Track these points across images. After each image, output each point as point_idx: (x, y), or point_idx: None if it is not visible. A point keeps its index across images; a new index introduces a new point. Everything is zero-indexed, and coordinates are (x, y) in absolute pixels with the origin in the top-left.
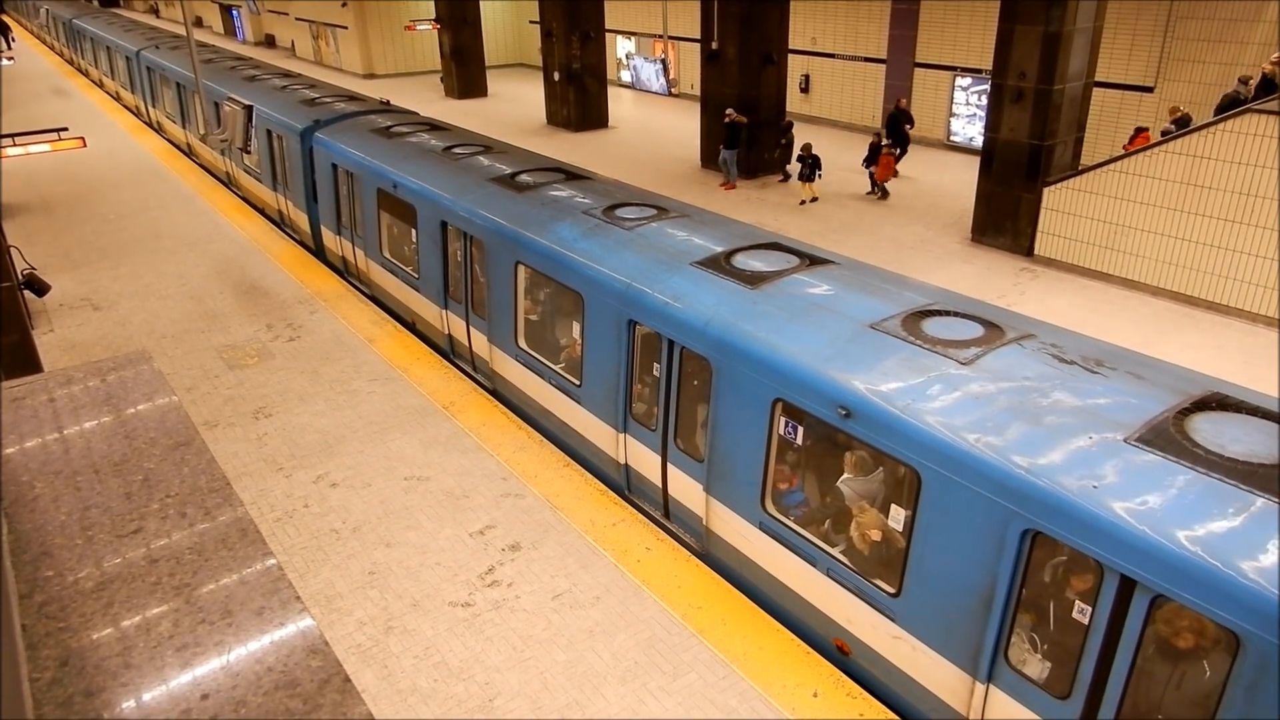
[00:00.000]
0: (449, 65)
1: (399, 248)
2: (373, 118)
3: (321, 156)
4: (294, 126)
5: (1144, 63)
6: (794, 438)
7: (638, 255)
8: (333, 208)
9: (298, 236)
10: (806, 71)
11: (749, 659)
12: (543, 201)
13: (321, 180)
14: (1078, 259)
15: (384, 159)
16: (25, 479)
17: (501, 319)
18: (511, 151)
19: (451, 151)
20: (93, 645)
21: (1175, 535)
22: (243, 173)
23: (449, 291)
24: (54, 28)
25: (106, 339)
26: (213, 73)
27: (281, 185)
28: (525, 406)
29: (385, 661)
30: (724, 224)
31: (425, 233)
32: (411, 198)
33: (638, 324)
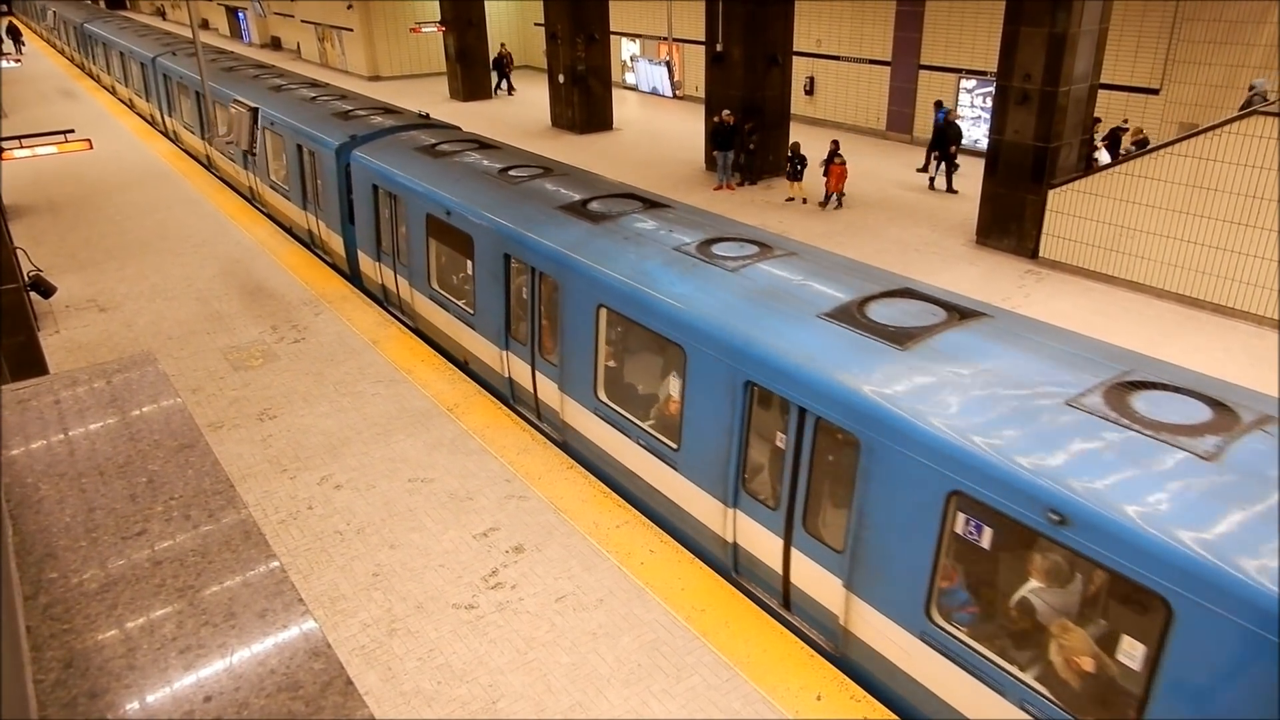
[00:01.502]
0: (454, 67)
1: (451, 280)
2: (414, 134)
3: (360, 176)
4: (328, 143)
5: (1150, 65)
6: (977, 538)
7: (751, 304)
8: (372, 232)
9: (330, 260)
10: (811, 74)
11: (753, 662)
12: (625, 235)
13: (359, 202)
14: (1083, 261)
15: (434, 182)
16: (30, 480)
17: (576, 366)
18: (574, 174)
19: (509, 174)
20: (97, 647)
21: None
22: (268, 189)
23: (511, 331)
24: (64, 32)
25: (112, 340)
26: (234, 82)
27: (313, 205)
28: (603, 464)
29: (389, 663)
30: (840, 265)
31: (484, 265)
32: (468, 226)
33: (756, 385)
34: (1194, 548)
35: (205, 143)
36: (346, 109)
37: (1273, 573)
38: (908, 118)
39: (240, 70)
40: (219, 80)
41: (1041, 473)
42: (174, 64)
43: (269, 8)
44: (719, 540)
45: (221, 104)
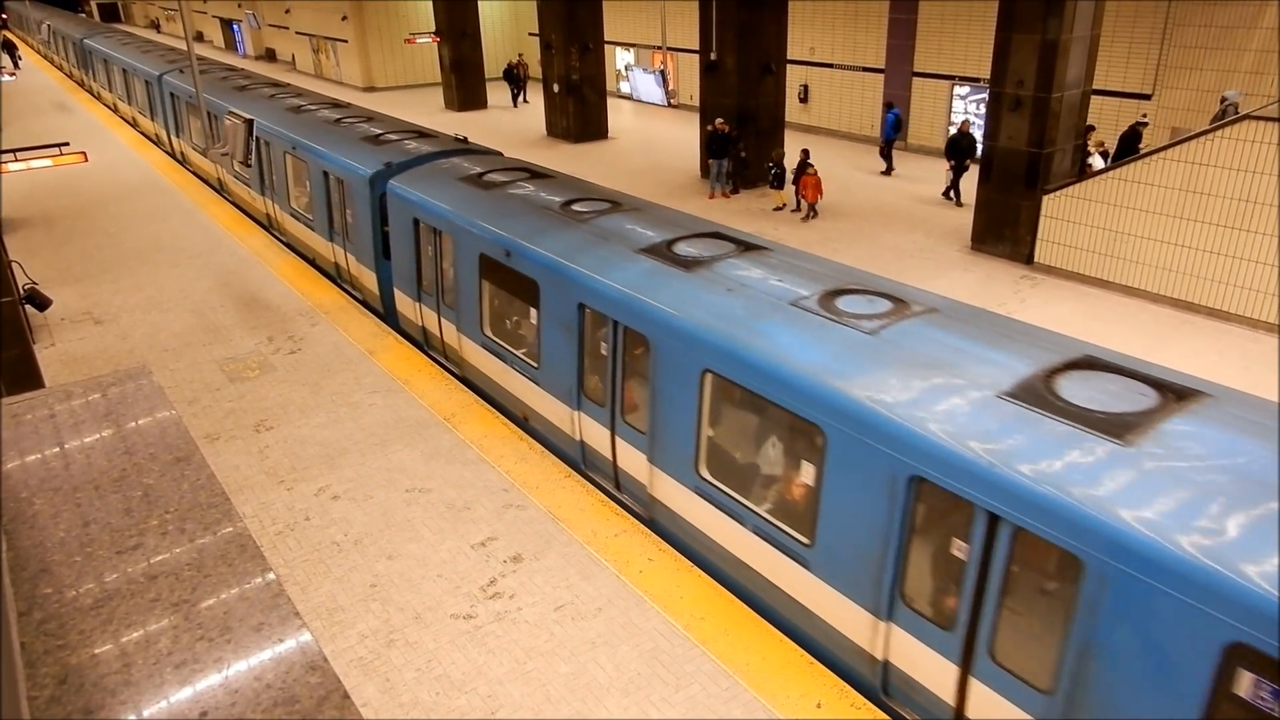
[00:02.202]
0: (449, 77)
1: (509, 327)
2: (456, 161)
3: (398, 209)
4: (361, 171)
5: (1141, 70)
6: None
7: (906, 378)
8: (412, 270)
9: (360, 296)
10: (805, 81)
11: (752, 670)
12: (725, 285)
13: (397, 236)
14: (1077, 266)
15: (488, 218)
16: (25, 495)
17: (671, 437)
18: (646, 209)
19: (573, 209)
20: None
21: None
22: (289, 217)
23: (585, 390)
24: (61, 46)
25: (107, 353)
26: (248, 101)
27: (341, 237)
28: (704, 550)
29: (387, 674)
30: (999, 326)
31: (553, 315)
32: (533, 270)
33: (926, 481)
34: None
35: (215, 164)
36: (376, 132)
37: None
38: (902, 125)
39: (254, 89)
40: (231, 100)
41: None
42: (182, 82)
43: (264, 20)
44: (865, 655)
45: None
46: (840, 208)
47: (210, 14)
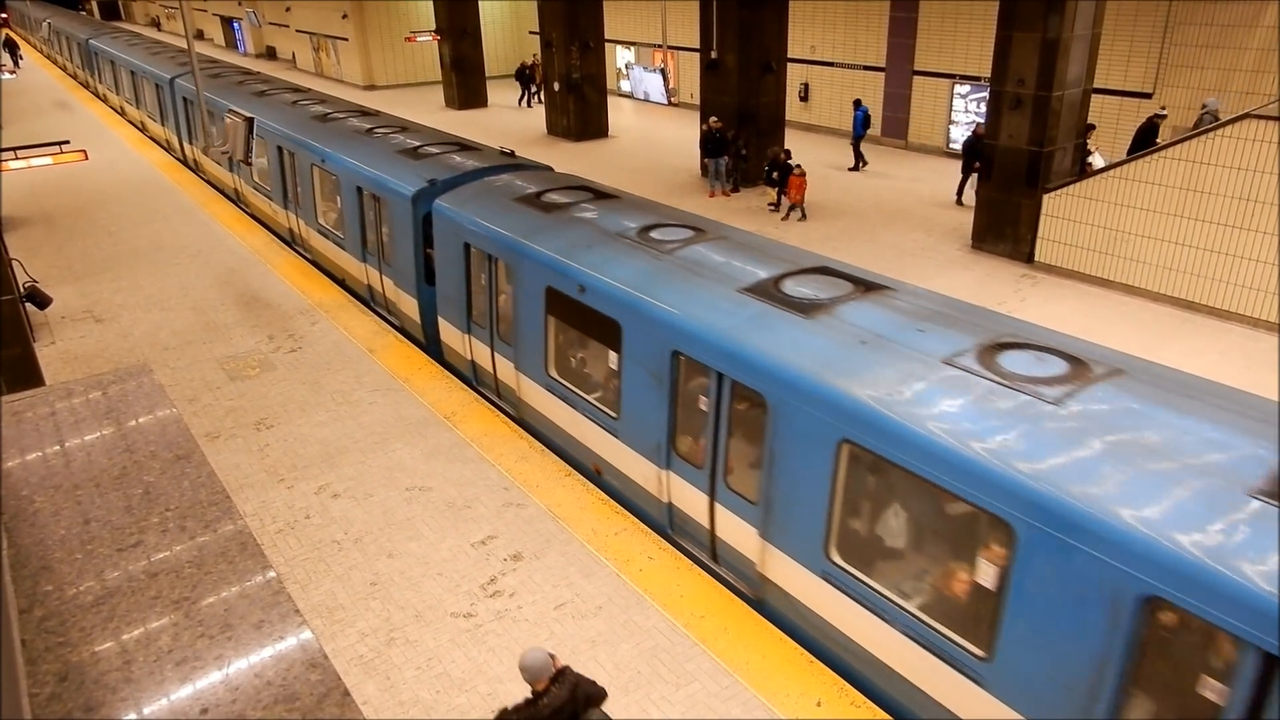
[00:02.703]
0: (449, 76)
1: (580, 370)
2: (507, 178)
3: (446, 231)
4: (403, 189)
5: (1142, 69)
6: None
7: (1115, 464)
8: (461, 299)
9: (397, 322)
10: (806, 80)
11: (752, 668)
12: (860, 337)
13: (444, 261)
14: (1078, 265)
15: (556, 246)
16: (26, 493)
17: (794, 513)
18: (734, 237)
19: (651, 237)
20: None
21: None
22: (315, 233)
23: (676, 448)
24: (65, 46)
25: (108, 351)
26: (268, 109)
27: (376, 258)
28: (833, 645)
29: (387, 673)
30: (1194, 390)
31: (638, 361)
32: (614, 310)
33: (1161, 600)
34: None
35: (234, 176)
36: (414, 144)
37: None
38: (902, 123)
39: (274, 94)
40: (250, 107)
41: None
42: (202, 89)
43: (264, 18)
44: None
45: (259, 136)
46: (840, 206)
47: (210, 12)
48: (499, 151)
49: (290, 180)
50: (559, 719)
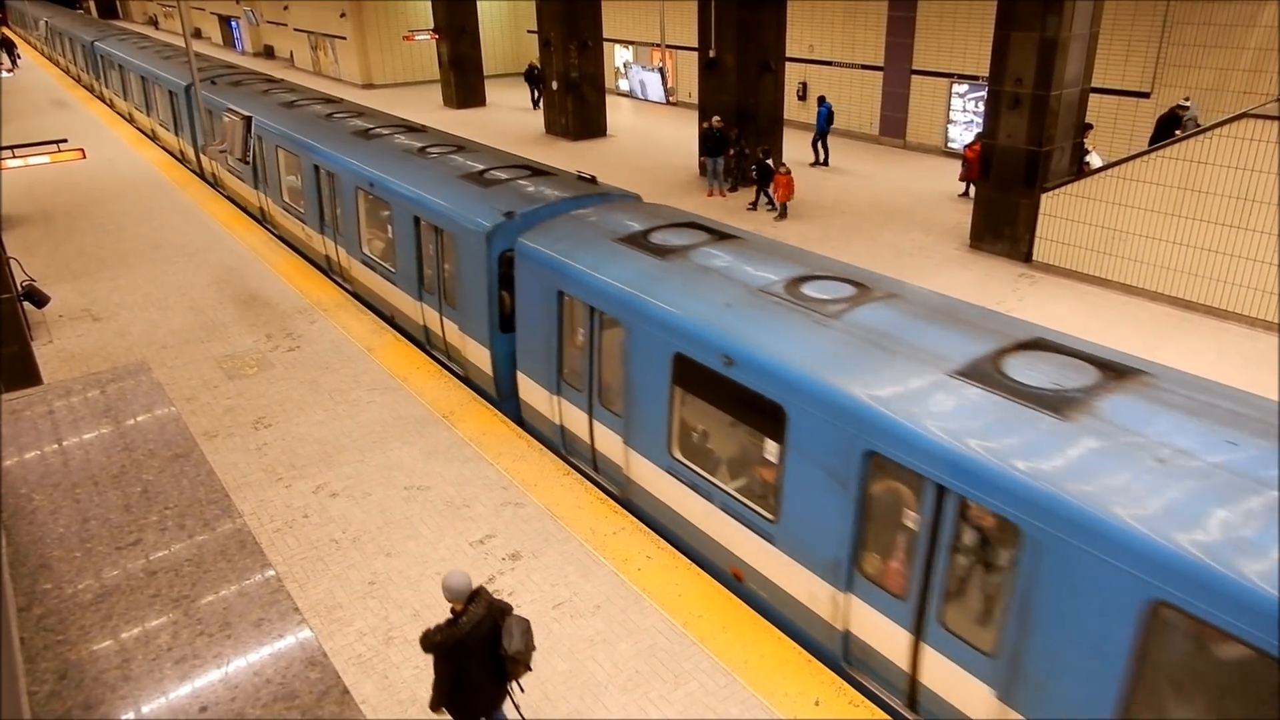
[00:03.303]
0: (448, 75)
1: (720, 457)
2: (598, 210)
3: (532, 274)
4: (475, 224)
5: (1140, 68)
6: None
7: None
8: (550, 354)
9: (461, 371)
10: (804, 79)
11: (750, 667)
12: (1157, 454)
13: (528, 308)
14: (1076, 264)
15: (684, 303)
16: (24, 491)
17: (1068, 679)
18: (907, 294)
19: (804, 294)
20: (91, 658)
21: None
22: (359, 264)
23: (862, 567)
24: (67, 48)
25: (106, 350)
26: (298, 123)
27: (436, 297)
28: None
29: (386, 672)
30: None
31: (810, 457)
32: (776, 391)
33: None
34: None
35: (259, 193)
36: (479, 168)
37: None
38: (901, 123)
39: (303, 105)
40: (279, 119)
41: None
42: (220, 96)
43: (262, 16)
44: None
45: (290, 152)
46: (838, 206)
47: (208, 10)
48: (576, 177)
49: (329, 204)
50: (478, 632)
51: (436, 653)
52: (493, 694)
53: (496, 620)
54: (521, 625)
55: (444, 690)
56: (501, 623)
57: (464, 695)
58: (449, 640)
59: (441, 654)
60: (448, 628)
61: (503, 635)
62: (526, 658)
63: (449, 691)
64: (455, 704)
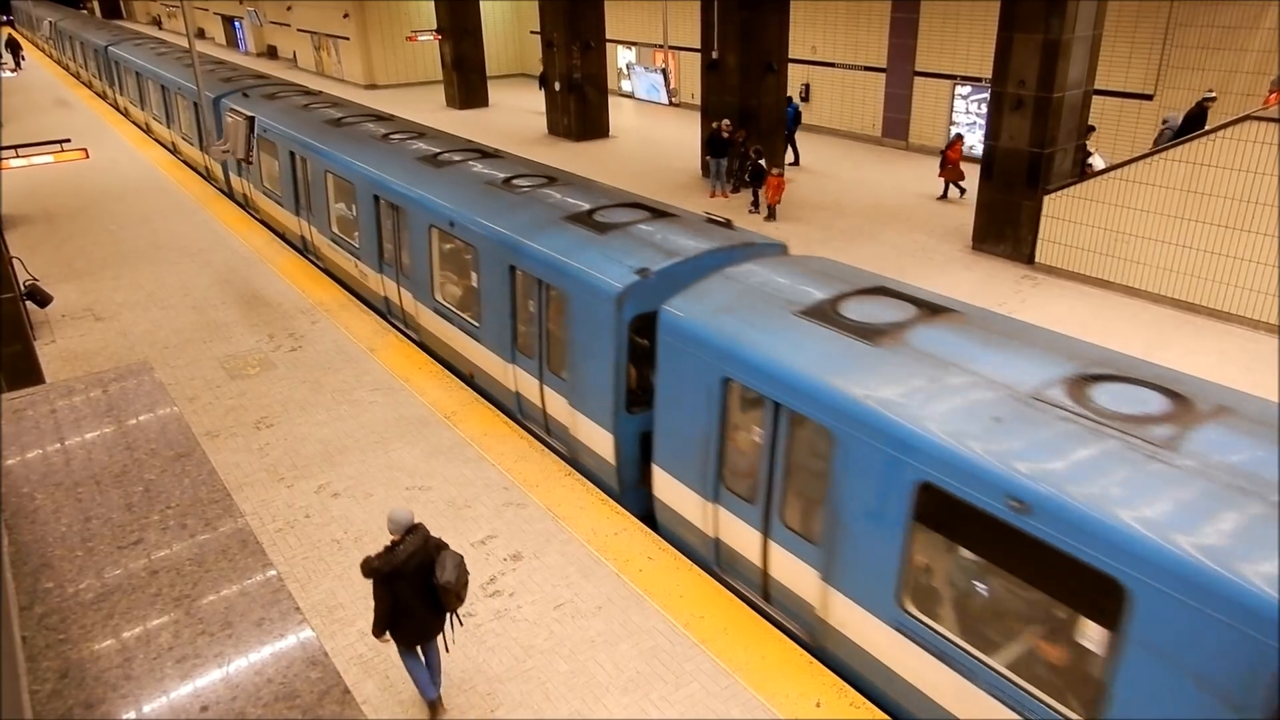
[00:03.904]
0: (450, 75)
1: (999, 625)
2: (752, 269)
3: (683, 352)
4: (600, 284)
5: (1143, 70)
6: None
7: None
8: (709, 453)
9: (564, 449)
10: (807, 81)
11: (751, 669)
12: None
13: (673, 391)
14: (1079, 266)
15: (932, 419)
16: (26, 490)
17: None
18: (1244, 409)
19: (1096, 403)
20: (93, 657)
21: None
22: (427, 309)
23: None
24: (79, 53)
25: (108, 349)
26: (352, 144)
27: (536, 361)
28: None
29: (387, 672)
30: None
31: (1168, 657)
32: (1113, 557)
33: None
34: None
35: (302, 220)
36: (585, 206)
37: None
38: (903, 124)
39: (354, 123)
40: (325, 139)
41: None
42: (257, 111)
43: (265, 16)
44: None
45: (342, 178)
46: (840, 207)
47: (212, 10)
48: (705, 219)
49: (393, 240)
50: (413, 562)
51: (375, 577)
52: (429, 624)
53: (432, 554)
54: (454, 559)
55: (383, 616)
56: (436, 557)
57: (402, 621)
58: (385, 566)
59: (379, 579)
60: (386, 554)
61: (436, 567)
62: (459, 588)
63: (387, 617)
64: (394, 630)
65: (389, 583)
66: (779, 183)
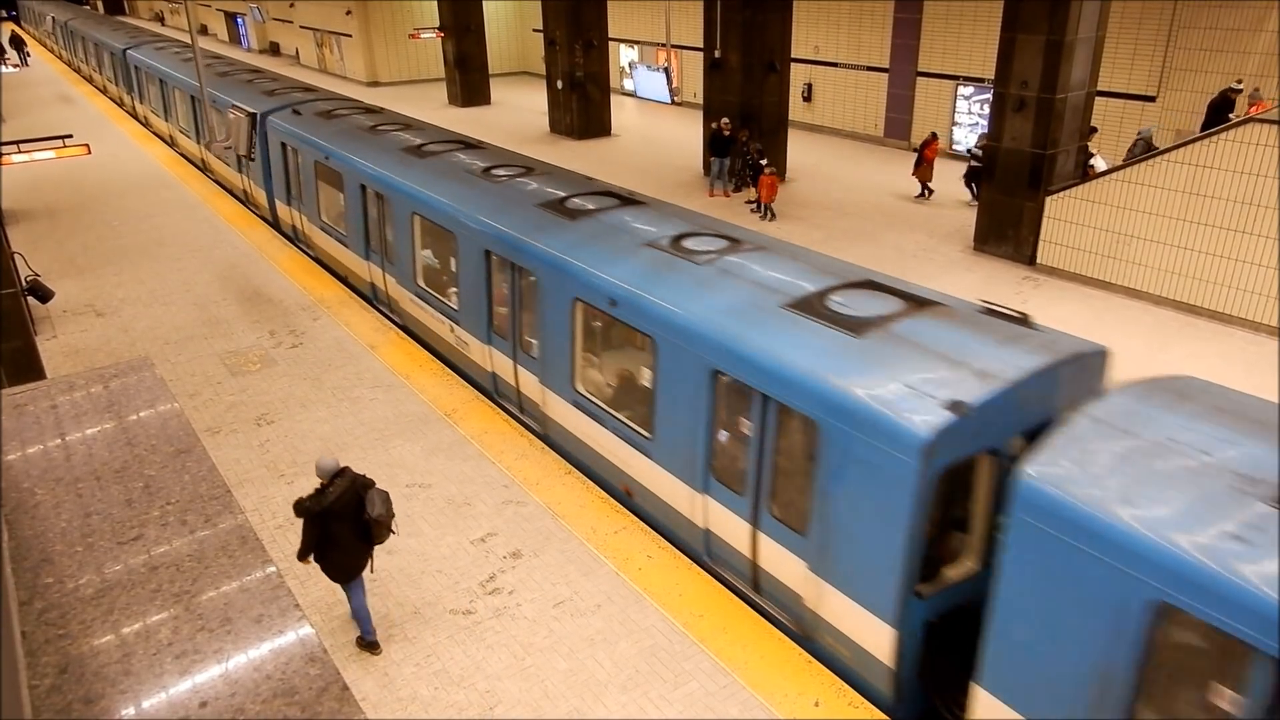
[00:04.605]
0: (453, 73)
1: None
2: (1134, 403)
3: (1071, 559)
4: (886, 425)
5: (1146, 72)
6: None
7: None
8: (1108, 699)
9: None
10: (809, 80)
11: (750, 667)
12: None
13: (1034, 595)
14: (1080, 268)
15: None
16: (27, 485)
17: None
18: None
19: None
20: (92, 652)
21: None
22: (564, 401)
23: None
24: (91, 55)
25: (109, 345)
26: (449, 184)
27: (748, 499)
28: None
29: (386, 669)
30: None
31: None
32: None
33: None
34: None
35: (373, 266)
36: (808, 287)
37: None
38: (905, 124)
39: (441, 153)
40: (412, 176)
41: None
42: (307, 132)
43: (267, 13)
44: None
45: (442, 227)
46: (842, 207)
47: (214, 7)
48: (983, 310)
49: (513, 308)
50: (342, 502)
51: (305, 517)
52: (359, 555)
53: (360, 493)
54: (382, 495)
55: (308, 546)
56: (365, 495)
57: (334, 554)
58: (315, 507)
59: (309, 518)
60: (317, 496)
61: (366, 504)
62: (388, 521)
63: (315, 549)
64: (327, 562)
65: (321, 522)
66: (771, 181)
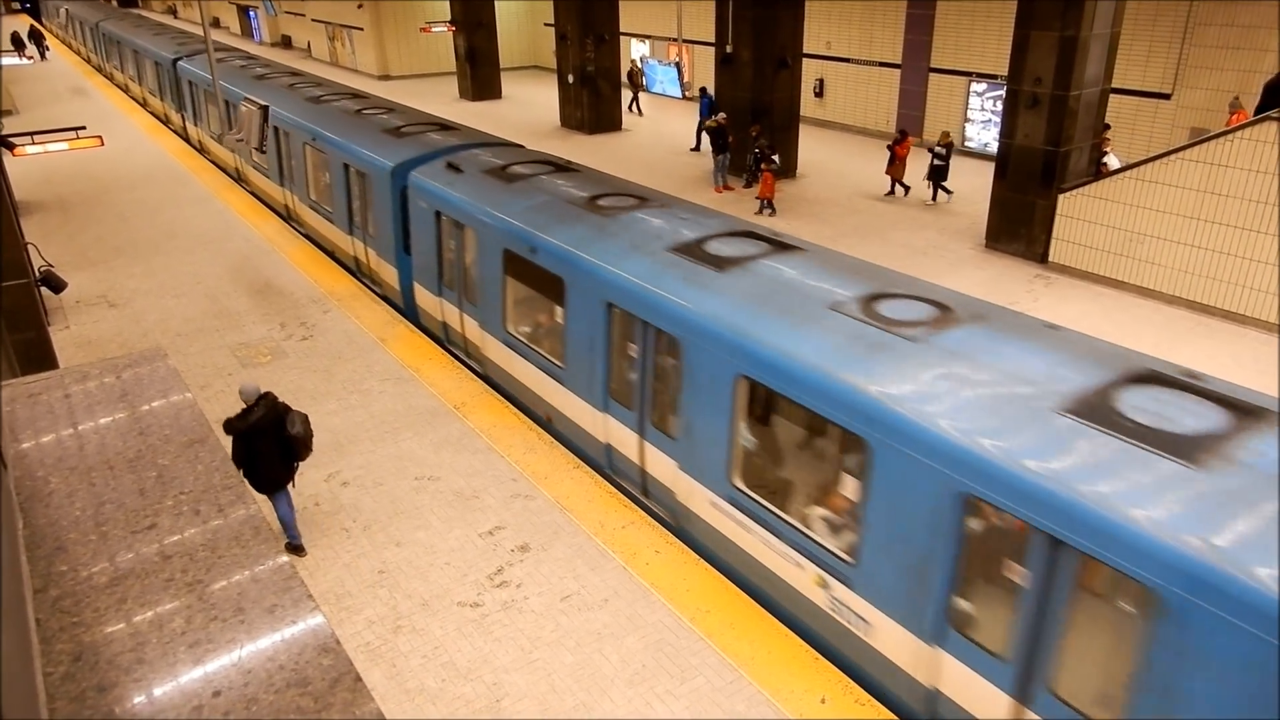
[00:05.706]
0: (464, 67)
1: None
2: None
3: None
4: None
5: (1161, 70)
6: None
7: None
8: None
9: None
10: (821, 76)
11: (757, 663)
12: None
13: None
14: (1092, 266)
15: None
16: (41, 474)
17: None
18: None
19: None
20: (106, 640)
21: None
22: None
23: None
24: (131, 64)
25: (122, 336)
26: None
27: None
28: None
29: (394, 660)
30: None
31: None
32: None
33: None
34: None
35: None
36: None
37: None
38: (918, 121)
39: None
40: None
41: None
42: (489, 205)
43: (280, 6)
44: None
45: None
46: (852, 204)
47: (228, 0)
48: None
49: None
50: (264, 422)
51: (233, 435)
52: (282, 469)
53: (282, 414)
54: (301, 416)
55: (238, 461)
56: (286, 416)
57: (260, 468)
58: (243, 426)
59: (237, 436)
60: (243, 417)
61: (286, 423)
62: (307, 439)
63: (243, 465)
64: (255, 475)
65: (245, 440)
66: (769, 177)
